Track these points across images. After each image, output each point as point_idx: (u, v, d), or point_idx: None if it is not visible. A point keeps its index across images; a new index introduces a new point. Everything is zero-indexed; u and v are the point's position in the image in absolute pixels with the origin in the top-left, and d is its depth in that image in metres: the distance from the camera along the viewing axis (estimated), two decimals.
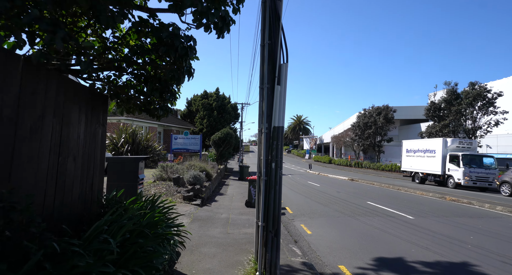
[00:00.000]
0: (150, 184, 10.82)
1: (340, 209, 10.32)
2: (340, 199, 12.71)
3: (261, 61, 4.61)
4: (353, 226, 7.91)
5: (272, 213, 4.25)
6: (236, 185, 17.47)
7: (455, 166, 18.53)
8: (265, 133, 4.45)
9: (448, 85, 27.03)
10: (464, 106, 25.07)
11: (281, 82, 4.52)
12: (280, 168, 4.40)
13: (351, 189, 16.71)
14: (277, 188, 4.34)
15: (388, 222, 8.42)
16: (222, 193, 13.63)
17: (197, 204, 9.42)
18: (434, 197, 14.06)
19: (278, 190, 4.34)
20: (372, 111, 40.94)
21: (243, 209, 9.79)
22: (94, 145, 3.72)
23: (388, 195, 14.63)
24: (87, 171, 3.53)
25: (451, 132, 26.11)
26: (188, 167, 13.64)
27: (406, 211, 10.08)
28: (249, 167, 22.60)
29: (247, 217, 8.43)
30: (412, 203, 12.10)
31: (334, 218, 8.89)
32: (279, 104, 4.49)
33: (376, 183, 20.03)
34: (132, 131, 19.28)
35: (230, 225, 7.45)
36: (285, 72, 4.54)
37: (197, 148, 20.37)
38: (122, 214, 3.15)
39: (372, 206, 11.05)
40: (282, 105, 4.53)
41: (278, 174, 4.38)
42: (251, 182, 10.41)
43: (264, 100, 4.53)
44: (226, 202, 11.10)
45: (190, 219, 7.58)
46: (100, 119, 3.90)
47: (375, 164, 39.88)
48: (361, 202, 12.06)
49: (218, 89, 37.53)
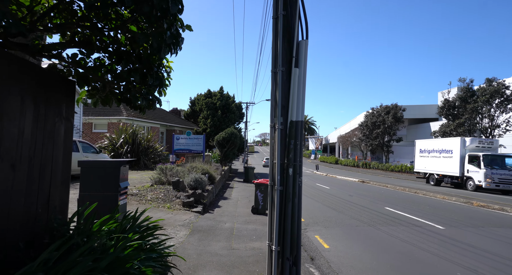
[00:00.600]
0: (147, 189, 9.88)
1: (356, 217, 9.27)
2: (354, 204, 11.65)
3: (274, 38, 3.61)
4: (377, 239, 6.86)
5: (290, 234, 3.25)
6: (241, 187, 16.50)
7: (475, 167, 17.32)
8: (280, 129, 3.46)
9: (463, 81, 25.76)
10: (481, 104, 23.78)
11: (299, 64, 3.52)
12: (299, 175, 3.41)
13: (363, 192, 15.62)
14: (296, 201, 3.34)
15: (415, 233, 7.36)
16: (226, 197, 12.66)
17: (198, 211, 8.45)
18: (458, 202, 12.90)
19: (297, 203, 3.34)
20: (380, 110, 39.71)
21: (249, 216, 8.81)
22: (52, 147, 2.76)
23: (406, 199, 13.52)
24: (40, 182, 2.58)
25: (466, 131, 24.81)
26: (189, 169, 12.69)
27: (433, 220, 8.99)
28: (254, 168, 21.63)
29: (254, 227, 7.45)
30: (436, 209, 10.99)
31: (352, 228, 7.86)
32: (297, 93, 3.49)
33: (389, 185, 18.89)
34: (132, 131, 18.42)
35: (235, 237, 6.47)
36: (305, 51, 3.54)
37: (200, 149, 19.44)
38: (79, 244, 2.17)
39: (392, 213, 9.97)
40: (302, 93, 3.53)
41: (297, 183, 3.38)
42: (258, 186, 9.43)
43: (277, 87, 3.53)
44: (231, 208, 10.13)
45: (189, 231, 6.60)
46: (62, 112, 2.95)
47: (383, 165, 38.63)
48: (378, 207, 10.99)
49: (222, 88, 36.63)
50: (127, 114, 22.49)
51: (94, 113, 22.35)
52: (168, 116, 31.98)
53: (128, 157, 17.49)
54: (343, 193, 14.96)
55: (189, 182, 10.19)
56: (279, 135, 3.45)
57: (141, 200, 8.72)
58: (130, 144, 17.92)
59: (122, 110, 23.12)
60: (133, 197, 8.85)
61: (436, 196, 14.31)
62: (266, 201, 9.41)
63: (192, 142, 19.67)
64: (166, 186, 10.39)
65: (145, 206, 8.23)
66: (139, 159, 18.08)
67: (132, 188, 9.94)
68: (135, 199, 8.70)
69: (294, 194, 3.32)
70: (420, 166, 22.65)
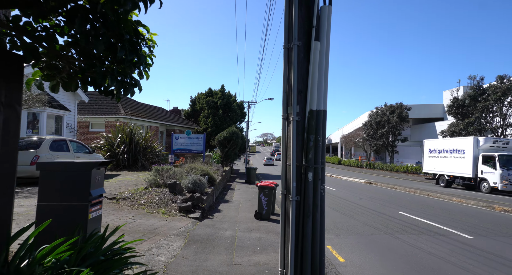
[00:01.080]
0: (141, 192, 9.09)
1: (370, 223, 8.44)
2: (365, 208, 10.81)
3: (287, 3, 2.79)
4: (397, 250, 6.04)
5: (310, 260, 2.43)
6: (243, 189, 15.69)
7: (490, 168, 16.43)
8: (295, 121, 2.65)
9: (472, 79, 24.83)
10: (492, 102, 22.86)
11: (321, 36, 2.71)
12: (322, 181, 2.60)
13: (372, 195, 14.77)
14: (318, 216, 2.53)
15: (440, 243, 6.52)
16: (227, 200, 11.85)
17: (195, 217, 7.65)
18: (477, 206, 12.02)
19: (319, 219, 2.52)
20: (385, 110, 38.87)
21: (252, 222, 8.00)
22: None
23: (419, 202, 12.66)
24: None
25: (476, 130, 23.89)
26: (188, 170, 11.89)
27: (456, 227, 8.13)
28: (256, 169, 20.80)
29: (258, 235, 6.64)
30: (455, 214, 10.13)
31: (367, 237, 7.03)
32: (318, 73, 2.68)
33: (398, 187, 18.02)
34: (129, 131, 17.66)
35: (236, 248, 5.66)
36: (328, 19, 2.72)
37: (200, 149, 18.64)
38: None
39: (408, 218, 9.13)
40: (324, 74, 2.72)
41: (318, 191, 2.57)
42: (261, 189, 8.62)
43: (292, 67, 2.72)
44: (232, 212, 9.32)
45: (184, 241, 5.80)
46: (0, 97, 2.16)
47: (388, 165, 37.73)
48: (391, 212, 10.15)
49: (223, 86, 35.83)
50: (125, 113, 21.73)
51: (90, 112, 21.62)
52: (168, 115, 31.22)
53: (125, 157, 16.70)
54: (351, 196, 14.13)
55: (187, 185, 9.40)
56: (294, 128, 2.64)
57: (133, 204, 7.94)
58: (127, 144, 17.15)
59: (120, 108, 22.36)
60: (124, 202, 8.06)
61: (451, 199, 13.43)
62: (270, 205, 8.60)
63: (192, 142, 18.87)
64: (162, 188, 9.60)
65: (137, 212, 7.44)
66: (137, 159, 17.32)
67: (125, 191, 9.16)
68: (127, 204, 7.91)
69: (316, 207, 2.51)
70: (429, 166, 21.76)
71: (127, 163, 16.70)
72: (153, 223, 6.69)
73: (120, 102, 23.90)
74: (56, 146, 10.65)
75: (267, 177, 25.10)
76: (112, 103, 23.30)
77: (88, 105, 21.40)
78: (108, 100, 24.03)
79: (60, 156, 10.51)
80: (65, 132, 15.28)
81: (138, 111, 24.27)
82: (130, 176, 13.34)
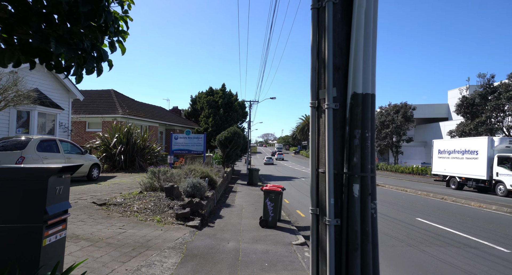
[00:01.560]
0: (135, 196, 8.29)
1: (387, 231, 7.62)
2: (378, 213, 9.97)
3: None
4: (429, 268, 5.21)
5: None
6: (245, 191, 14.89)
7: (507, 170, 15.56)
8: (331, 109, 1.84)
9: (482, 77, 23.96)
10: (504, 101, 21.99)
11: None
12: (372, 197, 1.79)
13: (383, 198, 13.93)
14: (369, 248, 1.72)
15: (475, 258, 5.69)
16: (229, 204, 11.05)
17: (194, 225, 6.84)
18: (501, 211, 11.12)
19: (371, 254, 1.71)
20: (389, 109, 38.04)
21: (257, 230, 7.19)
22: None
23: (435, 206, 11.82)
24: None
25: (488, 130, 23.01)
26: (187, 172, 11.09)
27: (488, 238, 7.27)
28: (259, 170, 19.98)
29: (265, 247, 5.83)
30: (480, 221, 9.27)
31: (388, 249, 6.21)
32: (364, 41, 1.87)
33: (408, 189, 17.16)
34: (127, 130, 16.87)
35: (241, 265, 4.85)
36: None
37: (201, 149, 17.83)
38: None
39: (428, 226, 8.30)
40: (372, 43, 1.92)
41: (368, 212, 1.77)
42: (267, 194, 7.81)
43: (325, 33, 1.91)
44: (234, 218, 8.51)
45: (181, 257, 4.99)
46: None
47: (393, 166, 36.88)
48: (408, 218, 9.32)
49: (224, 85, 35.02)
50: (123, 112, 20.96)
51: (87, 111, 20.85)
52: (167, 115, 30.45)
53: (121, 158, 15.89)
54: None
55: (186, 188, 8.59)
56: (330, 120, 1.83)
57: (125, 211, 7.14)
58: (125, 144, 16.37)
59: (117, 108, 21.60)
60: (115, 208, 7.26)
61: (469, 203, 12.55)
62: (277, 211, 7.79)
63: (192, 142, 18.05)
64: (158, 193, 8.80)
65: (129, 220, 6.64)
66: (134, 160, 16.53)
67: (117, 196, 8.36)
68: (118, 211, 7.11)
69: (365, 235, 1.70)
70: (438, 168, 20.89)
71: (124, 164, 15.91)
72: (146, 233, 5.89)
73: (117, 101, 23.24)
74: (45, 147, 9.87)
75: (270, 179, 24.27)
76: (109, 102, 22.54)
77: (85, 104, 20.65)
78: (105, 99, 23.28)
79: (49, 157, 9.74)
80: (59, 131, 14.50)
81: (137, 111, 23.51)
82: (126, 179, 12.56)
